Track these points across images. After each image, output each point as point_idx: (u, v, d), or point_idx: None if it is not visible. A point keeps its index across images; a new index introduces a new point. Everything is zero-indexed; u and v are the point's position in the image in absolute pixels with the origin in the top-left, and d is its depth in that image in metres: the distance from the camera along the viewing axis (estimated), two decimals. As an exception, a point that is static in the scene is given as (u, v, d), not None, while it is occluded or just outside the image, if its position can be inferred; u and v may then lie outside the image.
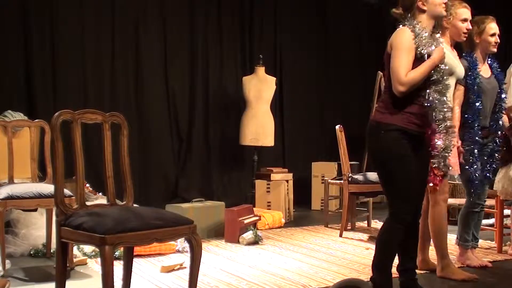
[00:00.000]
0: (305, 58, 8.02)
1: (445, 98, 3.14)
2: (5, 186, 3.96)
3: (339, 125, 5.53)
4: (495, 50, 4.11)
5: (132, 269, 2.99)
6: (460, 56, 4.11)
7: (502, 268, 4.12)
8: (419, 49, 3.08)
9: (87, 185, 5.21)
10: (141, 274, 3.84)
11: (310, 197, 7.43)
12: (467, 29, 3.85)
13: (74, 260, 4.03)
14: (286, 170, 6.88)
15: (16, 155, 4.19)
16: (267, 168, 6.81)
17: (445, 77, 3.18)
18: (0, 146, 4.38)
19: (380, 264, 3.20)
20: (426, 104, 3.11)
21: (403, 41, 3.10)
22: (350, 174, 5.35)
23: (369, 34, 8.48)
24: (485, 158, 4.10)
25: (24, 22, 6.06)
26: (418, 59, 3.09)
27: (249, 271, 3.98)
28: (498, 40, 4.11)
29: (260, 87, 6.85)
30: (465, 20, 3.83)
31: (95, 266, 4.06)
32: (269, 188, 6.57)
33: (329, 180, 6.00)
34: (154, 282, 3.66)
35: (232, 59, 7.53)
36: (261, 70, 6.91)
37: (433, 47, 3.13)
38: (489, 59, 4.16)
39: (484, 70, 4.08)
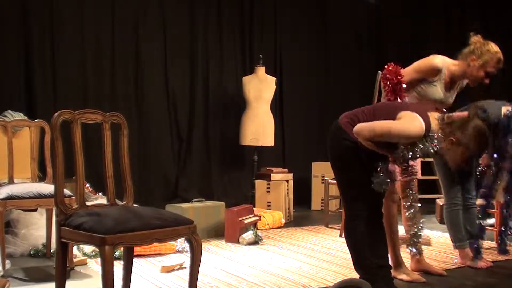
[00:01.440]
0: (305, 58, 8.02)
1: (417, 154, 3.14)
2: (5, 186, 3.96)
3: (339, 125, 5.52)
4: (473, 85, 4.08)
5: (132, 269, 2.98)
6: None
7: (502, 268, 4.12)
8: (402, 150, 3.09)
9: (87, 185, 5.21)
10: (141, 274, 3.84)
11: (310, 197, 7.44)
12: (485, 81, 3.80)
13: (74, 260, 4.03)
14: (286, 170, 6.88)
15: (16, 155, 4.19)
16: (267, 168, 6.81)
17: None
18: (0, 146, 4.38)
19: (359, 262, 3.28)
20: (397, 154, 3.14)
21: (405, 131, 3.06)
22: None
23: (369, 34, 8.49)
24: None
25: (24, 22, 6.06)
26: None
27: (249, 271, 3.98)
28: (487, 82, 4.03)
29: (260, 87, 6.85)
30: (489, 73, 3.76)
31: (95, 266, 4.06)
32: (269, 188, 6.57)
33: (329, 180, 6.00)
34: (154, 282, 3.66)
35: (232, 59, 7.53)
36: (261, 70, 6.91)
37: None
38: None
39: None
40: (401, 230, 3.88)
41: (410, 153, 3.08)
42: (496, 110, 3.91)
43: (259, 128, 6.81)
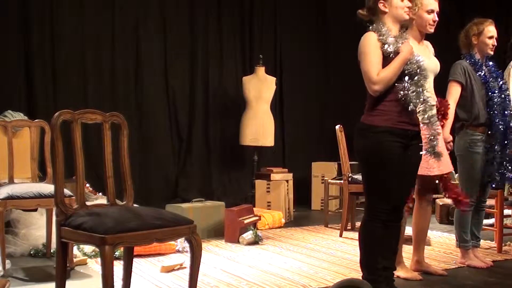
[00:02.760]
0: (305, 58, 8.02)
1: (420, 89, 3.14)
2: (5, 186, 3.96)
3: (339, 125, 5.53)
4: (492, 52, 4.11)
5: (132, 269, 2.99)
6: (460, 57, 4.11)
7: (502, 268, 4.12)
8: (384, 48, 3.12)
9: (87, 185, 5.21)
10: (141, 274, 3.84)
11: (310, 197, 7.44)
12: (433, 21, 3.77)
13: (74, 260, 4.03)
14: (286, 170, 6.88)
15: (16, 155, 4.19)
16: (267, 168, 6.81)
17: (421, 68, 3.17)
18: (0, 146, 4.38)
19: (367, 263, 3.24)
20: (401, 98, 3.11)
21: (368, 43, 3.19)
22: (350, 174, 5.35)
23: (369, 34, 8.48)
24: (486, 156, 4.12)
25: (24, 22, 6.06)
26: (386, 58, 3.13)
27: (249, 271, 3.98)
28: (496, 43, 4.11)
29: (260, 87, 6.85)
30: (431, 11, 3.75)
31: (95, 266, 4.06)
32: (269, 188, 6.57)
33: (329, 180, 6.00)
34: (154, 282, 3.66)
35: (232, 59, 7.53)
36: (261, 70, 6.91)
37: (399, 44, 3.15)
38: (486, 61, 4.17)
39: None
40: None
41: (385, 37, 3.14)
42: None
43: (259, 128, 6.81)
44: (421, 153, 3.28)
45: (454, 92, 4.06)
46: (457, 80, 4.05)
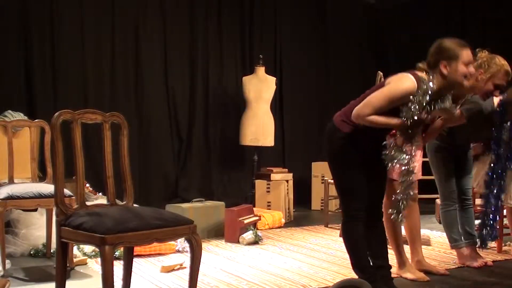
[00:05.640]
0: (305, 58, 8.02)
1: (403, 155, 3.04)
2: (5, 186, 3.96)
3: (339, 125, 5.52)
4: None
5: (132, 269, 2.99)
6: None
7: (502, 268, 4.12)
8: (404, 110, 2.95)
9: (87, 185, 5.21)
10: (141, 274, 3.84)
11: (310, 197, 7.44)
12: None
13: (74, 260, 4.03)
14: (286, 170, 6.88)
15: (16, 155, 4.19)
16: (267, 168, 6.81)
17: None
18: (0, 146, 4.38)
19: (357, 263, 3.26)
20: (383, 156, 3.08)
21: (396, 89, 2.99)
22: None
23: (369, 34, 8.48)
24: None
25: (24, 22, 6.06)
26: (395, 111, 3.00)
27: (249, 271, 3.98)
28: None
29: (260, 87, 6.85)
30: (500, 85, 3.80)
31: (95, 266, 4.06)
32: (269, 188, 6.57)
33: (329, 180, 6.00)
34: (154, 282, 3.66)
35: (232, 59, 7.53)
36: (261, 70, 6.91)
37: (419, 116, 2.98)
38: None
39: None
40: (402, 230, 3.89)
41: (413, 108, 2.92)
42: (487, 102, 3.94)
43: (259, 128, 6.81)
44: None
45: None
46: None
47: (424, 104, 2.96)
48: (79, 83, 6.41)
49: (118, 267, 2.94)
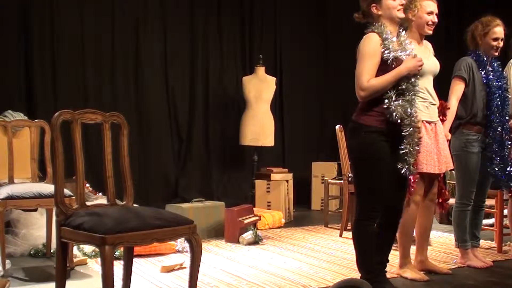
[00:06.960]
0: (305, 58, 8.01)
1: (409, 105, 3.11)
2: (5, 186, 3.96)
3: (339, 125, 5.53)
4: (496, 54, 4.10)
5: (132, 269, 2.99)
6: (464, 54, 4.10)
7: (502, 268, 4.12)
8: (385, 53, 3.10)
9: (87, 185, 5.21)
10: (141, 274, 3.84)
11: (310, 197, 7.43)
12: (432, 22, 3.76)
13: (74, 260, 4.03)
14: (286, 170, 6.88)
15: (16, 155, 4.19)
16: (267, 168, 6.81)
17: (415, 88, 3.16)
18: (0, 146, 4.38)
19: (362, 263, 3.26)
20: (386, 108, 3.10)
21: (369, 46, 3.15)
22: (350, 174, 5.35)
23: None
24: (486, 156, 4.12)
25: (24, 22, 6.06)
26: (385, 62, 3.11)
27: (249, 271, 3.98)
28: (501, 45, 4.08)
29: (260, 87, 6.85)
30: (430, 12, 3.74)
31: (95, 266, 4.06)
32: (269, 188, 6.57)
33: (329, 180, 6.00)
34: (154, 282, 3.66)
35: (232, 59, 7.53)
36: (261, 70, 6.91)
37: (401, 54, 3.11)
38: (492, 60, 4.16)
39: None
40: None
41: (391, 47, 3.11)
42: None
43: (259, 128, 6.81)
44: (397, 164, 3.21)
45: (457, 89, 4.03)
46: (461, 76, 4.02)
47: (394, 39, 3.17)
48: (79, 83, 6.40)
49: (118, 267, 2.94)
